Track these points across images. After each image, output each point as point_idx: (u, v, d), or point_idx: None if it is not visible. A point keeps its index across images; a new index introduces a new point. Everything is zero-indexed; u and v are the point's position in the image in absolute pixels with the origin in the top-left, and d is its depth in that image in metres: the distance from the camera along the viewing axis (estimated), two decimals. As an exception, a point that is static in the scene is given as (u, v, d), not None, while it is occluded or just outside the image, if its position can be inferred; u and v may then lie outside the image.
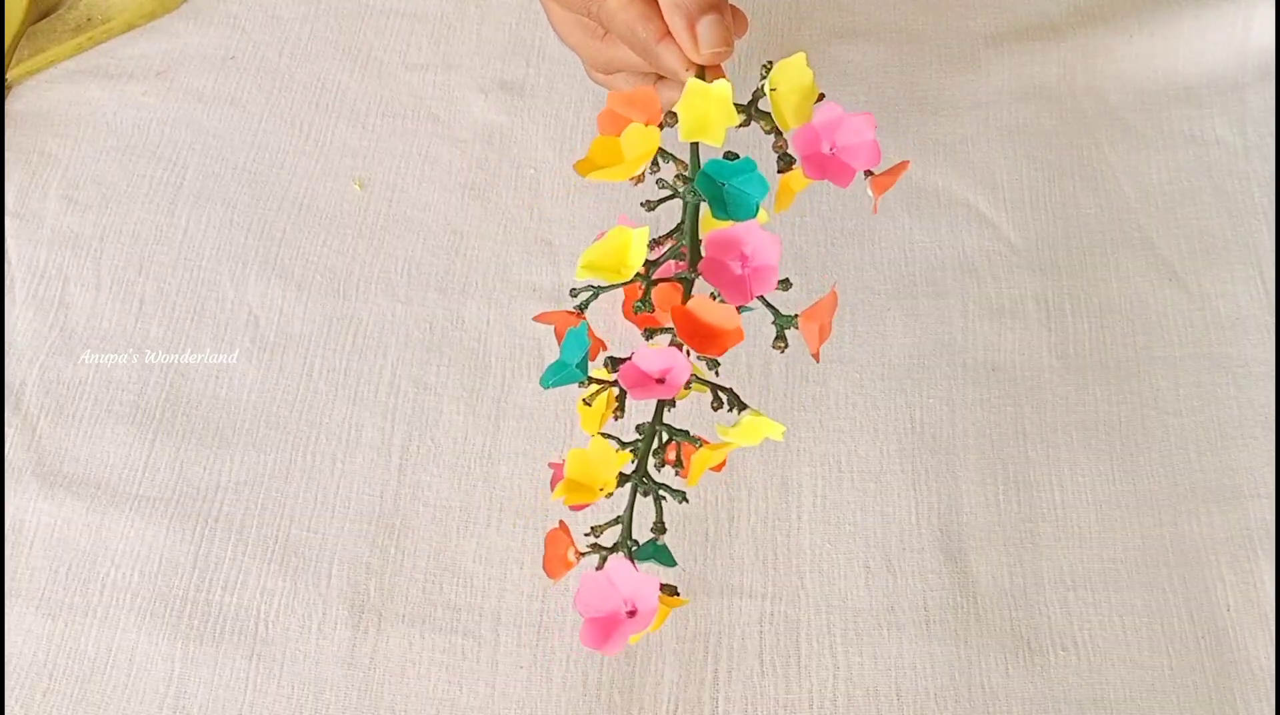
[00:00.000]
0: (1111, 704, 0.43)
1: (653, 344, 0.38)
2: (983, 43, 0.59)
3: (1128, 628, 0.45)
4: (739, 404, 0.39)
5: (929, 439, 0.49)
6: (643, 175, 0.40)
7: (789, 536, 0.47)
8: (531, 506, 0.47)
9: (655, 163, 0.40)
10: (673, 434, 0.39)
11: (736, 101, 0.40)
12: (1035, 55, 0.59)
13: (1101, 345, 0.51)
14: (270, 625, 0.45)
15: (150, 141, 0.57)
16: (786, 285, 0.39)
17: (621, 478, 0.38)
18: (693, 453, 0.38)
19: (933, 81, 0.58)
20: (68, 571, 0.46)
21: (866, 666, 0.44)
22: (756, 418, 0.38)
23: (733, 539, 0.47)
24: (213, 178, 0.56)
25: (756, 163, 0.39)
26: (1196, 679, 0.44)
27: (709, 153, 0.40)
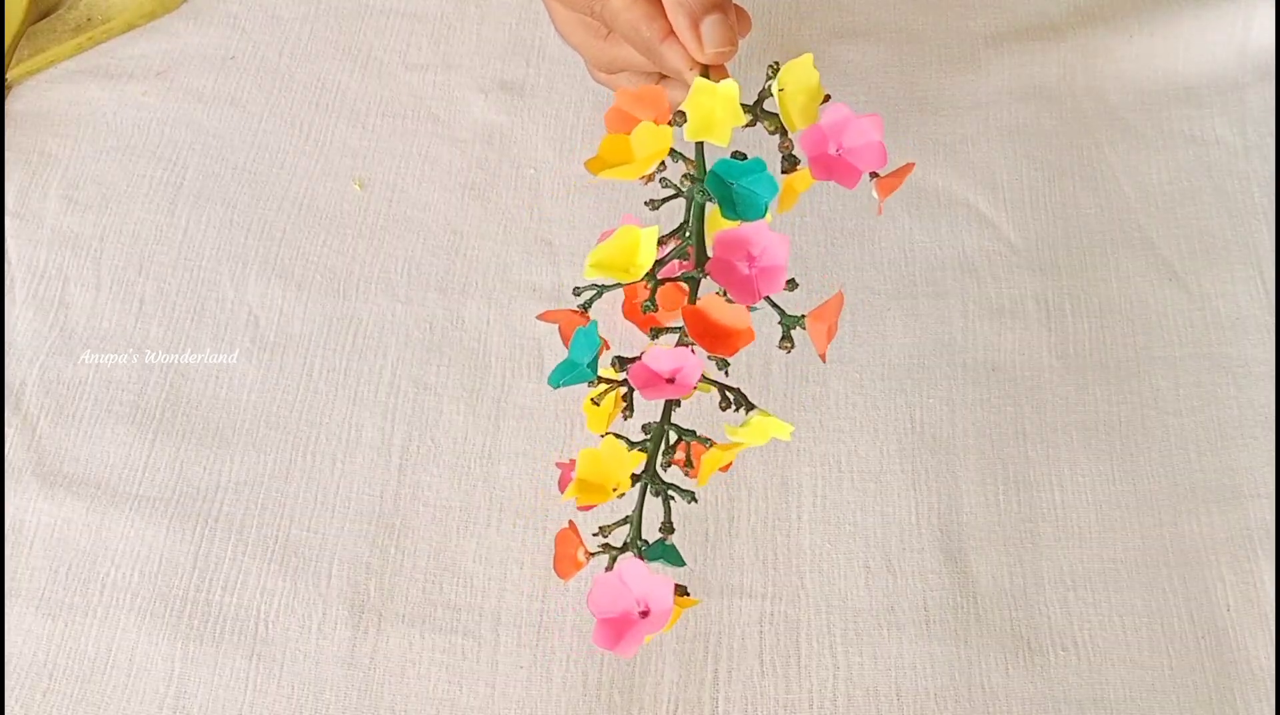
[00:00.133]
0: (1111, 704, 0.43)
1: (662, 344, 0.38)
2: (983, 43, 0.59)
3: (1128, 628, 0.45)
4: (747, 404, 0.39)
5: (929, 439, 0.49)
6: (653, 174, 0.40)
7: (789, 536, 0.47)
8: (531, 506, 0.47)
9: (661, 162, 0.40)
10: (681, 434, 0.39)
11: (742, 102, 0.39)
12: (1035, 55, 0.59)
13: (1101, 345, 0.51)
14: (270, 625, 0.45)
15: (150, 141, 0.57)
16: (793, 286, 0.38)
17: (630, 478, 0.38)
18: (702, 453, 0.38)
19: (933, 81, 0.58)
20: (68, 571, 0.46)
21: (866, 666, 0.44)
22: (765, 418, 0.38)
23: (733, 539, 0.47)
24: (213, 178, 0.56)
25: (766, 163, 0.39)
26: (1196, 679, 0.44)
27: (712, 151, 0.41)
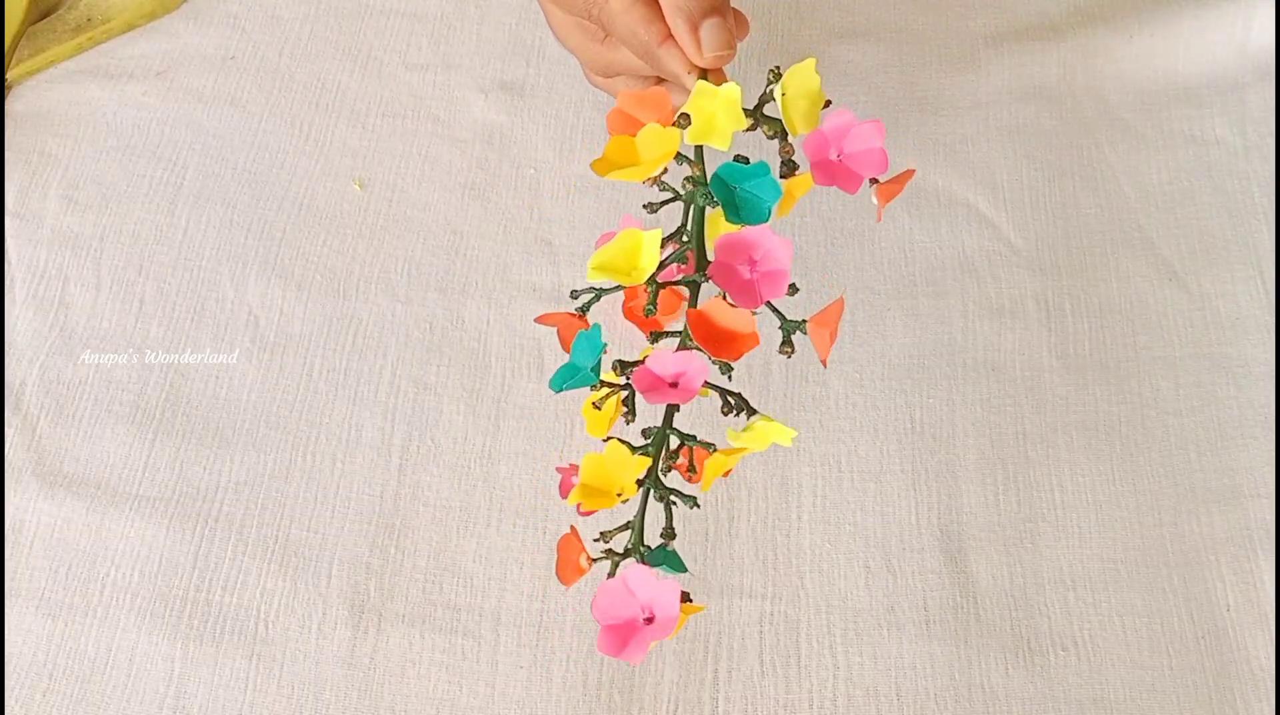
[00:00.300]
0: (1111, 704, 0.43)
1: (662, 347, 0.38)
2: (983, 43, 0.59)
3: (1128, 628, 0.45)
4: (749, 409, 0.39)
5: (929, 439, 0.49)
6: (657, 176, 0.40)
7: (789, 536, 0.47)
8: (531, 506, 0.47)
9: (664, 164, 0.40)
10: (682, 438, 0.39)
11: (744, 105, 0.39)
12: (1035, 55, 0.59)
13: (1101, 345, 0.51)
14: (270, 625, 0.45)
15: (150, 141, 0.57)
16: (794, 290, 0.38)
17: (634, 483, 0.38)
18: (703, 457, 0.38)
19: (933, 81, 0.58)
20: (68, 571, 0.46)
21: (866, 666, 0.44)
22: (767, 423, 0.38)
23: (733, 539, 0.47)
24: (213, 178, 0.56)
25: (770, 167, 0.39)
26: (1196, 679, 0.44)
27: (710, 155, 0.40)
